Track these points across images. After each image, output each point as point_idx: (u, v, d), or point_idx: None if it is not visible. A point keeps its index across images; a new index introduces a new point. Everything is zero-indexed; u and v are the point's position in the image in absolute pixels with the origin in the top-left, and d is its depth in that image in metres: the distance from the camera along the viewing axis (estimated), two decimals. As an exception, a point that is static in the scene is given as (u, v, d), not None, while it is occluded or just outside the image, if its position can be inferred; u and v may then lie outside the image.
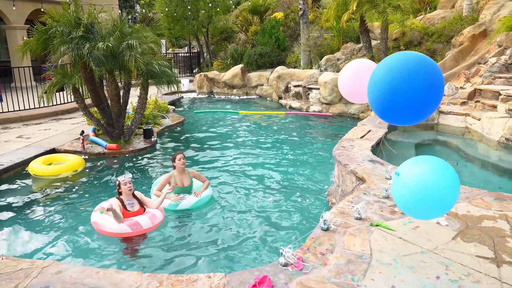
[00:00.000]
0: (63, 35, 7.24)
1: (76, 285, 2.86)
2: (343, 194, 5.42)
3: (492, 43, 10.41)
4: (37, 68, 15.95)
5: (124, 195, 4.87)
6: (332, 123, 11.66)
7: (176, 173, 5.68)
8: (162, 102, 12.19)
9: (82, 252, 4.49)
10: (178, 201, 5.41)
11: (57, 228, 5.04)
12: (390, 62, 3.08)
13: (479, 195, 4.41)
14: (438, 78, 2.97)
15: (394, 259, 3.15)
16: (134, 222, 4.65)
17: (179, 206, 5.40)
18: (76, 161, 7.05)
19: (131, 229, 4.59)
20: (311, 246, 3.36)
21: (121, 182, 4.82)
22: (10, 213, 5.47)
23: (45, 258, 4.26)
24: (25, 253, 4.47)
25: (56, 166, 6.84)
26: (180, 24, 20.15)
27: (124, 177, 4.87)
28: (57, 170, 6.76)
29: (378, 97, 3.11)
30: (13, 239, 4.82)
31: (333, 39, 16.41)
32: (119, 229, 4.58)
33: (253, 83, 16.96)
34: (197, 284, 2.87)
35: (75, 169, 6.94)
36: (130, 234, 4.60)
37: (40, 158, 7.15)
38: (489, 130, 7.58)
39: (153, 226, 4.79)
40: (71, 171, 6.89)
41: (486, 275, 2.94)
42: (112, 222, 4.62)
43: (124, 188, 4.82)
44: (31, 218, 5.34)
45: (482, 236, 3.51)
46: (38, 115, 11.29)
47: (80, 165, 7.08)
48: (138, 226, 4.64)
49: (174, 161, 5.68)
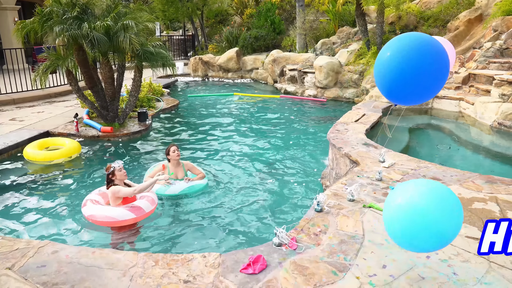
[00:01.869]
0: (57, 16, 7.14)
1: (72, 265, 2.89)
2: (337, 177, 5.47)
3: (488, 28, 10.39)
4: (30, 50, 15.76)
5: (118, 181, 4.70)
6: (327, 107, 11.67)
7: (170, 165, 5.56)
8: (156, 85, 12.12)
9: (76, 235, 4.52)
10: (167, 185, 5.27)
11: (51, 211, 5.05)
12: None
13: (470, 178, 4.48)
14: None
15: (386, 240, 3.21)
16: (136, 207, 4.53)
17: (167, 191, 5.29)
18: (72, 147, 6.92)
19: (134, 214, 4.47)
20: (304, 227, 3.41)
21: (116, 168, 4.67)
22: (4, 195, 5.48)
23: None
24: (19, 235, 4.49)
25: (51, 152, 6.74)
26: (174, 6, 19.87)
27: (117, 164, 4.71)
28: (52, 156, 6.66)
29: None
30: (7, 222, 4.83)
31: (329, 22, 16.28)
32: (121, 215, 4.43)
33: (248, 67, 16.86)
34: (192, 263, 2.92)
35: (70, 155, 6.82)
36: (134, 220, 4.49)
37: (35, 142, 7.04)
38: (482, 114, 7.64)
39: (153, 209, 4.74)
40: (66, 158, 6.78)
41: (475, 255, 3.02)
42: (110, 211, 4.46)
43: (119, 175, 4.69)
44: (25, 200, 5.35)
45: (472, 217, 3.58)
46: (31, 98, 11.18)
47: (76, 151, 6.97)
48: (140, 210, 4.54)
49: (168, 154, 5.53)
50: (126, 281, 2.71)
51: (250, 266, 2.84)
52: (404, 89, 3.31)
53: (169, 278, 2.74)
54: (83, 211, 4.61)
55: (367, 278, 2.75)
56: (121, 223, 4.46)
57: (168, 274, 2.79)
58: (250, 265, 2.85)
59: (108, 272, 2.81)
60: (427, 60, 3.16)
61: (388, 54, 3.30)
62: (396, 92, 3.38)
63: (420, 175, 4.53)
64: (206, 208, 5.13)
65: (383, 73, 3.37)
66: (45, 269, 2.83)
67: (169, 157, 5.55)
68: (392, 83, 3.33)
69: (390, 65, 3.28)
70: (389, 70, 3.29)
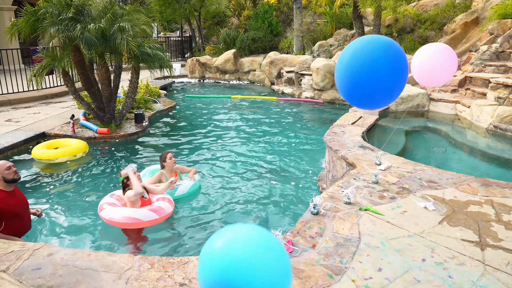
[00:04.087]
0: (52, 16, 7.11)
1: (67, 267, 2.88)
2: (333, 179, 5.47)
3: (484, 31, 10.46)
4: (26, 51, 15.70)
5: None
6: (323, 109, 11.69)
7: (166, 172, 5.48)
8: (153, 87, 12.11)
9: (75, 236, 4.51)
10: (175, 187, 5.24)
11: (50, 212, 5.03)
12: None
13: (466, 181, 4.49)
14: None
15: (381, 242, 3.22)
16: (158, 208, 4.48)
17: (176, 193, 5.27)
18: (77, 146, 6.98)
19: (158, 215, 4.41)
20: (301, 229, 3.41)
21: (130, 172, 4.56)
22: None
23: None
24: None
25: (56, 150, 6.78)
26: (171, 7, 19.87)
27: (131, 168, 4.62)
28: (56, 154, 6.70)
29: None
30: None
31: (326, 24, 16.33)
32: (145, 216, 4.35)
33: (245, 69, 16.88)
34: (188, 266, 2.91)
35: (74, 154, 6.85)
36: (157, 221, 4.44)
37: (44, 143, 7.12)
38: (478, 117, 7.67)
39: (172, 209, 4.70)
40: (71, 157, 6.81)
41: (470, 258, 3.02)
42: (134, 212, 4.37)
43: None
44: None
45: (467, 220, 3.60)
46: (27, 99, 11.13)
47: (81, 150, 6.99)
48: (162, 211, 4.49)
49: (164, 161, 5.44)
50: (122, 284, 2.70)
51: (246, 269, 2.83)
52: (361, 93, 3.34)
53: (164, 281, 2.73)
54: (102, 214, 4.46)
55: (363, 281, 2.75)
56: (146, 224, 4.40)
57: (163, 277, 2.78)
58: (246, 268, 2.84)
59: (104, 275, 2.79)
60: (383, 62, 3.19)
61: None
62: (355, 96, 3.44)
63: (416, 177, 4.54)
64: (202, 210, 5.12)
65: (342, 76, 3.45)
66: (40, 272, 2.82)
67: (165, 164, 5.45)
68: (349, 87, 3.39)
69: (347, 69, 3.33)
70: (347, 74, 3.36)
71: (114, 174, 6.37)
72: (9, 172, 3.98)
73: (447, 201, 3.98)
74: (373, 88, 3.22)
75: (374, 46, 3.24)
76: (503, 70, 8.84)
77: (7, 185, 4.01)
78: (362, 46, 3.29)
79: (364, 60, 3.20)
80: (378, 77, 3.16)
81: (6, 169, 3.97)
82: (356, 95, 3.37)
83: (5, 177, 3.97)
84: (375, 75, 3.16)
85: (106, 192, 5.34)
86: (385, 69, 3.17)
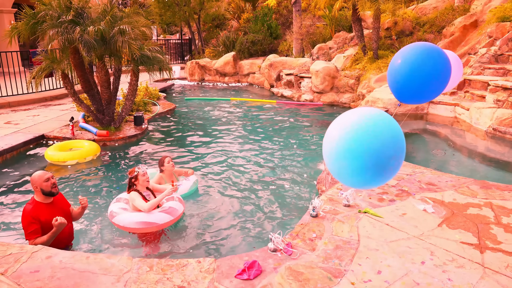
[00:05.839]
0: (52, 19, 7.12)
1: (66, 270, 2.87)
2: (332, 182, 5.47)
3: (483, 34, 10.48)
4: (25, 53, 15.71)
5: (140, 187, 4.58)
6: (323, 111, 11.70)
7: (166, 176, 5.44)
8: (153, 89, 12.11)
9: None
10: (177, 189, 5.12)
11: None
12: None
13: (465, 183, 4.49)
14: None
15: (381, 245, 3.21)
16: (171, 208, 4.44)
17: (179, 193, 5.20)
18: (88, 149, 7.00)
19: (172, 216, 4.38)
20: (300, 232, 3.40)
21: (140, 173, 4.55)
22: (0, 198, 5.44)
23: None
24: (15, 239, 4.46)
25: (65, 153, 6.80)
26: (171, 10, 19.91)
27: (141, 168, 4.58)
28: (66, 157, 6.73)
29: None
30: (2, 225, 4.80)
31: (325, 27, 16.35)
32: (161, 219, 4.30)
33: (245, 71, 16.89)
34: (187, 268, 2.90)
35: (84, 157, 6.88)
36: (172, 222, 4.42)
37: (57, 144, 7.16)
38: (477, 120, 7.68)
39: (184, 208, 4.69)
40: (81, 159, 6.84)
41: (469, 261, 3.02)
42: (149, 216, 4.28)
43: (142, 180, 4.57)
44: (20, 204, 5.31)
45: (467, 223, 3.59)
46: (27, 101, 11.14)
47: (91, 153, 7.00)
48: (176, 212, 4.45)
49: (163, 165, 5.39)
50: (120, 287, 2.69)
51: (245, 272, 2.83)
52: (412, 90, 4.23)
53: (163, 284, 2.73)
54: (116, 221, 4.37)
55: (362, 284, 2.75)
56: (162, 226, 4.37)
57: (162, 279, 2.78)
58: (245, 271, 2.84)
59: (102, 277, 2.79)
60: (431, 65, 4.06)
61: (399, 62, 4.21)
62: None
63: (416, 180, 4.54)
64: (201, 212, 5.11)
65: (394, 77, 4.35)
66: (38, 275, 2.81)
67: (163, 168, 5.41)
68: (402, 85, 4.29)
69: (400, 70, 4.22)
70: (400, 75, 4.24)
71: (113, 176, 6.36)
72: (47, 184, 3.72)
73: (446, 203, 3.98)
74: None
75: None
76: (502, 73, 8.85)
77: (44, 198, 3.77)
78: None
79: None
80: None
81: (44, 181, 3.72)
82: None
83: (43, 189, 3.72)
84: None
85: (106, 195, 5.34)
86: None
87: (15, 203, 5.33)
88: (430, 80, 4.05)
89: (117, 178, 6.30)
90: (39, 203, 3.74)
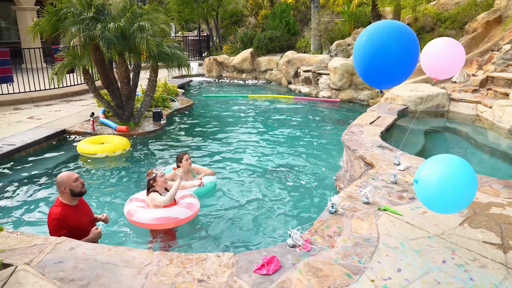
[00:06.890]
0: (74, 16, 7.25)
1: (88, 261, 2.93)
2: (351, 179, 5.43)
3: (507, 30, 10.21)
4: (47, 50, 16.03)
5: (158, 188, 4.64)
6: (341, 108, 11.61)
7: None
8: (171, 85, 12.22)
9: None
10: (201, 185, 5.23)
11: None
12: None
13: (487, 182, 4.40)
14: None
15: (401, 243, 3.18)
16: (190, 204, 4.52)
17: (194, 190, 5.25)
18: (118, 143, 7.21)
19: (192, 211, 4.46)
20: (319, 228, 3.40)
21: (158, 175, 4.61)
22: (24, 191, 5.58)
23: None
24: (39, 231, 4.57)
25: (95, 146, 7.04)
26: (189, 7, 20.01)
27: (160, 170, 4.64)
28: (96, 150, 6.96)
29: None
30: (27, 217, 4.93)
31: (344, 24, 16.20)
32: (183, 213, 4.37)
33: (262, 68, 16.87)
34: (207, 262, 2.93)
35: (113, 151, 7.07)
36: (192, 216, 4.49)
37: (89, 138, 7.44)
38: (500, 118, 7.50)
39: (199, 205, 4.76)
40: (110, 153, 7.04)
41: (492, 261, 2.96)
42: (171, 211, 4.35)
43: (160, 181, 4.63)
44: (43, 197, 5.44)
45: (489, 222, 3.52)
46: (49, 97, 11.38)
47: (121, 148, 7.18)
48: (194, 207, 4.53)
49: (180, 162, 5.47)
50: (141, 279, 2.73)
51: (264, 267, 2.84)
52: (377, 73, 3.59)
53: (183, 277, 2.76)
54: (135, 219, 4.37)
55: (381, 282, 2.72)
56: (184, 221, 4.43)
57: (182, 273, 2.81)
58: (264, 266, 2.85)
59: (124, 270, 2.84)
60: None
61: (364, 39, 3.56)
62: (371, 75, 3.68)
63: (436, 178, 4.47)
64: (220, 208, 5.15)
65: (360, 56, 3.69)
66: (62, 265, 2.87)
67: (181, 165, 5.46)
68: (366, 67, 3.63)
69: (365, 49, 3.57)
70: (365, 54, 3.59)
71: (132, 171, 6.45)
72: (77, 184, 3.61)
73: (468, 202, 3.90)
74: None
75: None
76: (527, 70, 8.63)
77: (72, 199, 3.65)
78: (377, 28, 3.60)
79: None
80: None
81: (73, 181, 3.60)
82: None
83: (72, 190, 3.60)
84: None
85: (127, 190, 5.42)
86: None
87: (37, 197, 5.46)
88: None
89: (135, 173, 6.39)
90: (66, 205, 3.63)
